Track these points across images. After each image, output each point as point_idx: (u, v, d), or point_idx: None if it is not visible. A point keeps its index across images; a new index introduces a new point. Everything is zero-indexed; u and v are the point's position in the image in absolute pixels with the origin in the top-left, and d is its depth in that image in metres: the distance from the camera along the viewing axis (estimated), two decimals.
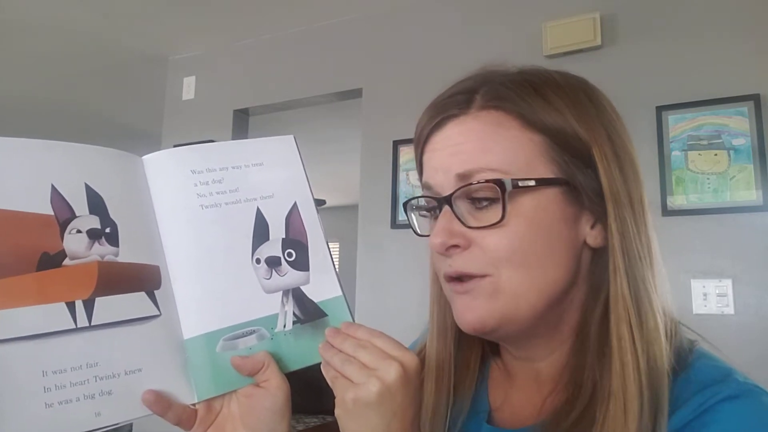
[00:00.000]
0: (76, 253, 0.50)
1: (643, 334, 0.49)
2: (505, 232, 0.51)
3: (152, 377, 0.51)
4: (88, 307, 0.49)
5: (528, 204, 0.51)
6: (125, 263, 0.52)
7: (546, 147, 0.52)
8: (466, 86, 0.55)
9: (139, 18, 2.90)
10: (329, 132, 4.29)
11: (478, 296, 0.52)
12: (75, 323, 0.49)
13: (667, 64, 2.07)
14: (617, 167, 0.52)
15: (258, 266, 0.57)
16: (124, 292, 0.52)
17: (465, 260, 0.52)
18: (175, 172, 0.57)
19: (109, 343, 0.50)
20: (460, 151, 0.53)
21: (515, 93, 0.52)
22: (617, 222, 0.51)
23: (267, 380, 0.54)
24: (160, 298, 0.53)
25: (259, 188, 0.59)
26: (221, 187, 0.58)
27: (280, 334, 0.56)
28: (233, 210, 0.57)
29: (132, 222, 0.54)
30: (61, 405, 0.46)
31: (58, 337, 0.48)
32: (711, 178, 1.95)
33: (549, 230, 0.52)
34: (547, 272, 0.52)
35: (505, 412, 0.59)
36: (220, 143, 0.61)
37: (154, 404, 0.51)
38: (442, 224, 0.52)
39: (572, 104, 0.53)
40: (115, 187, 0.54)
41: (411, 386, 0.49)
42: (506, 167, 0.51)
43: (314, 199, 0.61)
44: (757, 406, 0.46)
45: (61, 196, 0.51)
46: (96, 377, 0.49)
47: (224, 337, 0.55)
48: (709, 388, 0.47)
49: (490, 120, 0.53)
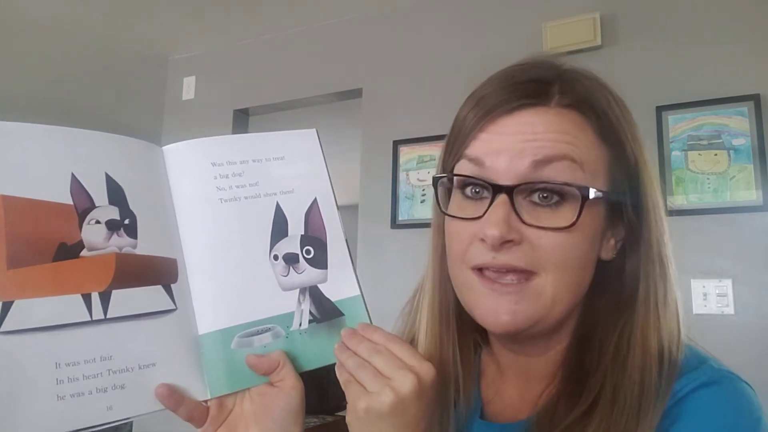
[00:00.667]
0: (94, 245, 0.49)
1: (648, 352, 0.50)
2: (566, 236, 0.49)
3: (165, 372, 0.51)
4: (104, 300, 0.49)
5: (589, 213, 0.50)
6: (143, 256, 0.52)
7: (610, 161, 0.52)
8: (540, 75, 0.53)
9: (139, 18, 2.89)
10: (329, 132, 4.27)
11: (523, 300, 0.50)
12: (90, 315, 0.48)
13: (667, 64, 2.07)
14: (651, 182, 0.54)
15: (276, 263, 0.56)
16: (141, 285, 0.51)
17: (515, 255, 0.50)
18: (195, 164, 0.56)
19: (123, 337, 0.49)
20: (539, 138, 0.50)
21: (595, 102, 0.52)
22: (654, 231, 0.53)
23: (282, 380, 0.54)
24: (176, 292, 0.53)
25: (280, 183, 0.58)
26: (241, 181, 0.57)
27: (295, 332, 0.55)
28: (253, 204, 0.56)
29: (151, 213, 0.53)
30: (73, 398, 0.46)
31: (72, 329, 0.47)
32: (711, 178, 1.95)
33: (592, 241, 0.52)
34: (581, 281, 0.53)
35: (497, 405, 0.59)
36: (241, 135, 0.60)
37: (167, 398, 0.50)
38: (501, 215, 0.49)
39: (627, 123, 0.54)
40: (135, 177, 0.53)
41: (425, 399, 0.47)
42: (585, 165, 0.50)
43: (335, 195, 0.60)
44: (731, 392, 0.47)
45: (80, 185, 0.50)
46: (109, 371, 0.48)
47: (239, 334, 0.54)
48: (685, 375, 0.48)
49: (572, 119, 0.52)
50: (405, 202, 2.49)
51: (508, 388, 0.60)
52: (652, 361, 0.49)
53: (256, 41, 3.06)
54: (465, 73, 0.59)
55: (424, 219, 2.42)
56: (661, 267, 0.53)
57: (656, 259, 0.53)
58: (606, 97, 0.54)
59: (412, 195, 2.49)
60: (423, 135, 2.44)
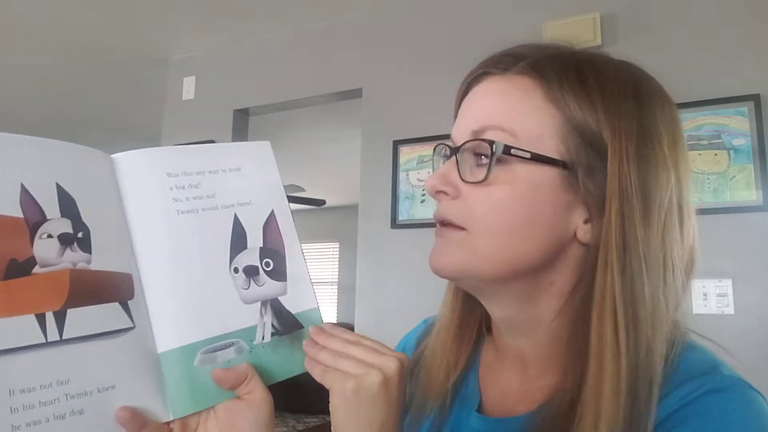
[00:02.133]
0: (47, 260, 0.46)
1: (633, 336, 0.47)
2: (489, 192, 0.52)
3: (126, 394, 0.48)
4: (59, 320, 0.45)
5: (519, 174, 0.51)
6: (98, 271, 0.48)
7: (560, 126, 0.51)
8: (518, 51, 0.56)
9: (139, 18, 2.90)
10: (329, 132, 4.29)
11: (449, 243, 0.54)
12: (45, 337, 0.44)
13: (667, 64, 2.07)
14: (636, 165, 0.50)
15: (236, 275, 0.54)
16: (97, 303, 0.48)
17: (448, 207, 0.54)
18: (150, 175, 0.54)
19: (81, 359, 0.46)
20: (481, 106, 0.55)
21: (552, 67, 0.53)
22: (619, 218, 0.49)
23: (250, 392, 0.52)
24: (133, 309, 0.50)
25: (237, 195, 0.56)
26: (198, 192, 0.55)
27: (258, 346, 0.54)
28: (210, 216, 0.55)
29: (104, 226, 0.50)
30: (29, 427, 0.42)
31: (26, 352, 0.43)
32: (711, 178, 1.95)
33: (532, 206, 0.51)
34: (518, 245, 0.52)
35: (495, 395, 0.60)
36: (195, 146, 0.58)
37: (128, 422, 0.47)
38: (442, 171, 0.55)
39: (610, 97, 0.51)
40: (86, 187, 0.50)
41: (404, 381, 0.51)
42: (517, 132, 0.52)
43: (290, 207, 0.60)
44: (741, 400, 0.46)
45: (31, 196, 0.46)
46: (67, 395, 0.45)
47: (202, 350, 0.52)
48: (694, 380, 0.47)
49: (519, 84, 0.53)
50: (405, 202, 2.50)
51: (507, 376, 0.60)
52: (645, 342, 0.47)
53: (256, 41, 3.07)
54: (465, 73, 0.60)
55: (424, 219, 2.42)
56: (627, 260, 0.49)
57: (616, 251, 0.49)
58: (580, 66, 0.53)
59: (412, 195, 2.49)
60: (423, 135, 2.44)
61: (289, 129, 4.22)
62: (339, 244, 7.32)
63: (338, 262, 7.37)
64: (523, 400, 0.56)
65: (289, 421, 3.34)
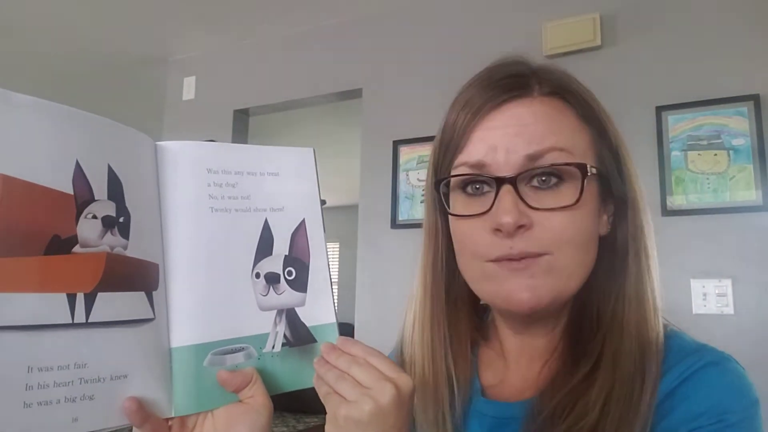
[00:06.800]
0: (88, 241, 0.46)
1: (641, 313, 0.54)
2: (573, 213, 0.53)
3: (135, 385, 0.48)
4: (88, 302, 0.45)
5: (590, 190, 0.54)
6: (132, 258, 0.48)
7: (594, 140, 0.56)
8: (517, 70, 0.57)
9: (139, 18, 2.90)
10: (329, 132, 4.29)
11: (536, 275, 0.52)
12: (72, 318, 0.44)
13: (667, 64, 2.07)
14: (628, 155, 0.58)
15: (257, 281, 0.54)
16: (126, 290, 0.48)
17: (528, 241, 0.52)
18: (191, 168, 0.54)
19: (101, 344, 0.46)
20: (528, 131, 0.53)
21: (570, 86, 0.56)
22: (639, 214, 0.57)
23: (252, 396, 0.52)
24: (156, 301, 0.50)
25: (271, 199, 0.56)
26: (234, 192, 0.55)
27: (267, 354, 0.54)
28: (242, 218, 0.55)
29: (142, 213, 0.50)
30: (40, 406, 0.42)
31: (51, 331, 0.43)
32: (711, 178, 1.95)
33: (593, 217, 0.55)
34: (590, 254, 0.55)
35: (499, 389, 0.60)
36: (239, 145, 0.58)
37: (134, 413, 0.47)
38: (510, 203, 0.51)
39: (600, 105, 0.58)
40: (132, 171, 0.50)
41: (404, 409, 0.47)
42: (572, 151, 0.54)
43: (323, 219, 0.58)
44: (735, 371, 0.51)
45: (84, 175, 0.46)
46: (81, 379, 0.44)
47: (213, 351, 0.52)
48: (690, 356, 0.51)
49: (555, 105, 0.55)
50: (405, 202, 2.50)
51: (511, 373, 0.61)
52: (648, 318, 0.53)
53: (256, 41, 3.07)
54: (465, 73, 0.59)
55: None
56: (648, 230, 0.57)
57: (642, 224, 0.57)
58: (577, 83, 0.58)
59: (412, 195, 2.49)
60: (423, 135, 2.44)
61: (289, 129, 4.22)
62: (339, 244, 7.32)
63: (338, 262, 7.38)
64: (528, 388, 0.57)
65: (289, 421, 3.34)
